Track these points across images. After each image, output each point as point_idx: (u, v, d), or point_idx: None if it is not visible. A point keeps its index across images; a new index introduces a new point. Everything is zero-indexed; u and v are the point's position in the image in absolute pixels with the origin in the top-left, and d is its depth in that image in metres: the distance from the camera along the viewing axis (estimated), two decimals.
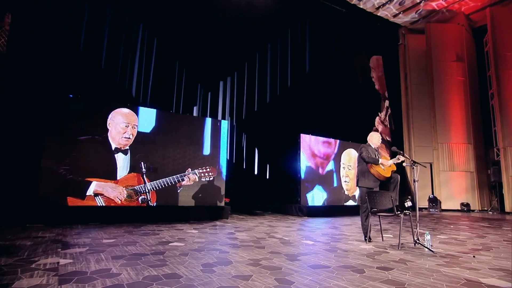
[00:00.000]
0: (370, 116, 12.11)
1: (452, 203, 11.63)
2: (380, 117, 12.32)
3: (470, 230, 6.08)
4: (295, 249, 3.74)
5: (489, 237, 5.10)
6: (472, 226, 6.79)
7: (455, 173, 11.84)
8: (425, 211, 11.51)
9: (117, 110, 6.17)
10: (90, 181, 5.64)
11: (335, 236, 4.90)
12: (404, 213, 4.09)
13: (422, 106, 12.53)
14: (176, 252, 3.34)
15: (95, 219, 5.49)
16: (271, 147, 10.47)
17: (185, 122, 7.08)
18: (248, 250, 3.60)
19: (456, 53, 12.45)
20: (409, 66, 13.02)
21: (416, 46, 13.17)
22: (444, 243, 4.40)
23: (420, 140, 12.46)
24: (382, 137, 11.79)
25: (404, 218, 4.03)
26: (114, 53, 7.98)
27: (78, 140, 5.67)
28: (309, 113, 10.86)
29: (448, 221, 7.73)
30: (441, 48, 12.48)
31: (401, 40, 13.45)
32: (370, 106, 12.21)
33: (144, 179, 6.27)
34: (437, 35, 12.59)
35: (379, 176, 4.34)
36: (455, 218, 8.83)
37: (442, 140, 11.99)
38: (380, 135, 4.70)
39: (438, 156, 11.95)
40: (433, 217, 8.87)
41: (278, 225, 6.15)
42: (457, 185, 11.78)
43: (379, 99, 12.60)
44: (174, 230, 5.03)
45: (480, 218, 9.00)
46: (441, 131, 12.02)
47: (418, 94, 12.71)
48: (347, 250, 3.77)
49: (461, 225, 6.85)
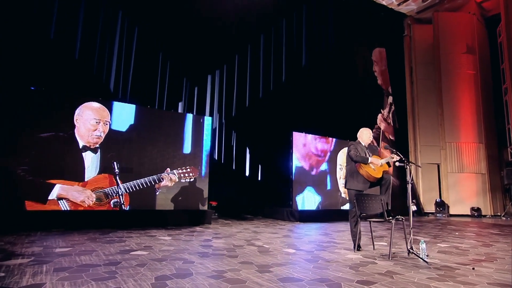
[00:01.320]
0: (371, 113, 11.88)
1: (461, 208, 11.39)
2: (382, 114, 12.09)
3: (477, 237, 5.85)
4: (272, 259, 3.53)
5: (496, 246, 4.88)
6: (480, 233, 6.56)
7: (464, 175, 11.60)
8: (432, 216, 11.28)
9: (86, 104, 5.97)
10: (53, 184, 5.43)
11: (322, 243, 4.68)
12: (396, 218, 3.86)
13: (429, 102, 12.30)
14: (134, 263, 3.13)
15: (58, 225, 5.29)
16: (263, 146, 10.26)
17: (164, 118, 6.88)
18: (218, 259, 3.40)
19: (467, 45, 12.22)
20: (415, 59, 12.79)
21: (422, 38, 12.94)
22: (443, 253, 4.18)
23: (426, 139, 12.22)
24: (385, 136, 11.61)
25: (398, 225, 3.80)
26: (90, 43, 7.77)
27: (40, 137, 5.46)
28: (305, 109, 10.65)
29: (454, 228, 7.50)
30: (450, 39, 12.25)
31: (406, 31, 13.22)
32: (372, 102, 11.99)
33: (116, 180, 6.07)
34: (446, 25, 12.35)
35: (368, 177, 4.12)
36: (463, 224, 8.60)
37: (450, 139, 11.75)
38: (371, 132, 4.48)
39: (446, 156, 11.70)
40: (438, 223, 8.64)
41: (263, 231, 5.94)
42: (466, 188, 11.54)
43: (381, 95, 12.37)
44: (145, 236, 4.83)
45: (491, 224, 8.76)
46: (450, 129, 11.78)
47: (425, 89, 12.48)
48: (330, 260, 3.56)
49: (467, 232, 6.62)
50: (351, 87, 11.62)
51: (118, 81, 8.31)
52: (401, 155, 4.12)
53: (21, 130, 5.33)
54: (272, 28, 11.08)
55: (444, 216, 10.97)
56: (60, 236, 4.59)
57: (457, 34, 12.26)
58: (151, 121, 6.67)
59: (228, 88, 10.25)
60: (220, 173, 9.75)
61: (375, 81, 12.33)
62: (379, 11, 12.83)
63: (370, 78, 12.23)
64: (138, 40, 8.67)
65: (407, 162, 3.95)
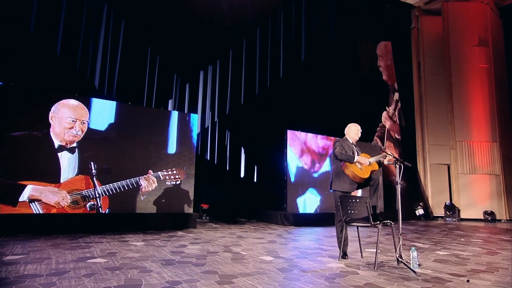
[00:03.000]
0: (375, 111, 11.52)
1: (473, 211, 10.92)
2: (388, 111, 11.71)
3: (483, 244, 5.49)
4: (241, 267, 3.27)
5: (502, 255, 4.52)
6: (488, 239, 6.18)
7: (477, 176, 11.13)
8: (441, 220, 10.85)
9: (62, 101, 5.80)
10: (25, 185, 5.27)
11: (307, 250, 4.41)
12: (384, 223, 3.57)
13: (438, 98, 11.86)
14: (82, 272, 2.91)
15: (28, 229, 5.11)
16: (259, 146, 9.99)
17: (147, 116, 6.68)
18: (180, 268, 3.15)
19: (479, 37, 11.75)
20: (423, 53, 12.38)
21: (431, 30, 12.51)
22: (439, 262, 3.86)
23: (435, 138, 11.79)
24: (390, 135, 11.24)
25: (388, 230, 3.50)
26: (73, 38, 7.62)
27: (10, 136, 5.30)
28: (304, 107, 10.35)
29: (461, 233, 7.12)
30: (460, 31, 11.80)
31: (413, 23, 12.80)
32: (376, 99, 11.63)
33: (94, 182, 5.88)
34: (457, 16, 11.90)
35: (354, 178, 3.82)
36: (472, 229, 8.19)
37: (461, 138, 11.29)
38: (360, 127, 4.19)
39: (457, 156, 11.25)
40: (445, 228, 8.25)
41: (249, 236, 5.68)
42: (479, 190, 11.07)
43: (387, 91, 11.99)
44: (116, 242, 4.62)
45: (505, 229, 8.33)
46: (460, 128, 11.32)
47: (433, 84, 12.05)
48: (307, 269, 3.28)
49: (475, 238, 6.25)
50: (354, 83, 11.28)
51: (104, 77, 8.14)
52: (389, 153, 3.82)
53: None
54: (269, 21, 10.81)
55: (454, 220, 10.54)
56: (22, 241, 4.41)
57: (469, 26, 11.80)
58: (133, 119, 6.48)
59: (221, 85, 10.02)
60: (213, 175, 9.53)
61: (380, 77, 11.97)
62: (384, 2, 12.46)
63: (375, 74, 11.88)
64: (125, 34, 8.49)
65: (396, 161, 3.65)
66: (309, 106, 10.39)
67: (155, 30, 8.83)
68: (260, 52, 10.58)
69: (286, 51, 10.87)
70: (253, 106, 10.09)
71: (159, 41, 8.95)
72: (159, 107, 8.37)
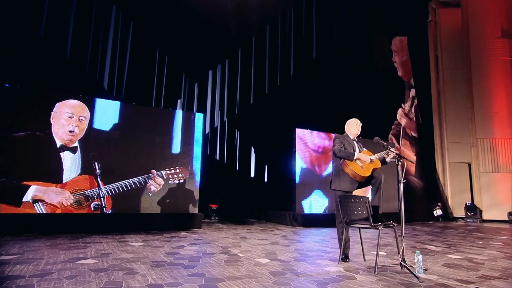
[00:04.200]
0: (390, 108, 11.11)
1: (496, 212, 10.34)
2: (403, 108, 11.27)
3: (503, 248, 5.11)
4: (232, 270, 3.12)
5: None
6: (509, 242, 5.77)
7: (500, 175, 10.53)
8: (461, 221, 10.34)
9: (64, 101, 5.83)
10: (28, 185, 5.31)
11: (308, 252, 4.20)
12: (384, 224, 3.33)
13: (457, 94, 11.33)
14: (66, 274, 2.84)
15: (32, 229, 5.14)
16: (269, 145, 9.83)
17: (151, 116, 6.64)
18: (168, 271, 3.03)
19: (501, 28, 11.13)
20: (441, 47, 11.87)
21: (449, 23, 11.98)
22: (449, 266, 3.58)
23: (454, 135, 11.26)
24: (406, 133, 10.81)
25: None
26: (82, 40, 7.69)
27: (14, 137, 5.36)
28: (316, 105, 10.09)
29: (481, 235, 6.70)
30: (481, 23, 11.23)
31: (431, 16, 12.29)
32: (391, 96, 11.21)
33: (98, 182, 5.88)
34: (477, 7, 11.33)
35: (355, 176, 3.60)
36: (494, 231, 7.72)
37: (482, 135, 10.73)
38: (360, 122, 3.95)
39: (478, 154, 10.70)
40: (464, 229, 7.82)
41: (253, 237, 5.52)
42: (503, 190, 10.46)
43: (402, 88, 11.55)
44: (114, 242, 4.57)
45: None
46: (482, 124, 10.76)
47: (452, 80, 11.52)
48: (301, 273, 3.09)
49: (495, 241, 5.85)
50: (367, 80, 10.93)
51: (113, 78, 8.19)
52: (392, 150, 3.57)
53: None
54: (279, 18, 10.63)
55: (475, 222, 10.01)
56: (23, 241, 4.42)
57: (490, 17, 11.21)
58: (137, 118, 6.45)
59: (230, 84, 9.92)
60: (222, 174, 9.43)
61: (395, 73, 11.54)
62: None
63: (389, 70, 11.47)
64: (134, 35, 8.52)
65: (399, 157, 3.40)
66: (320, 104, 10.12)
67: (163, 31, 8.82)
68: (270, 50, 10.40)
69: (296, 48, 10.66)
70: (263, 105, 9.93)
71: (168, 42, 8.93)
72: (167, 107, 8.33)
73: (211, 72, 9.77)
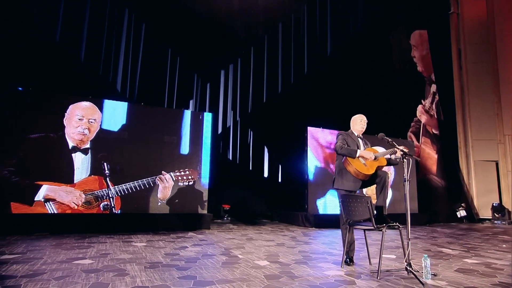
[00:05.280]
0: (409, 105, 10.65)
1: None
2: (423, 105, 10.78)
3: None
4: (227, 273, 3.00)
5: None
6: None
7: None
8: (488, 222, 9.76)
9: (76, 104, 5.92)
10: (40, 185, 5.42)
11: (312, 255, 4.02)
12: (388, 226, 3.11)
13: (482, 88, 10.72)
14: (58, 274, 2.81)
15: (43, 229, 5.23)
16: (282, 145, 9.66)
17: (159, 116, 6.63)
18: (161, 272, 2.95)
19: None
20: (464, 39, 11.26)
21: (473, 14, 11.36)
22: (463, 272, 3.31)
23: (479, 132, 10.65)
24: (426, 130, 10.34)
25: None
26: (96, 42, 7.81)
27: (29, 138, 5.48)
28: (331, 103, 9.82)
29: (506, 238, 6.26)
30: (508, 13, 10.59)
31: (453, 7, 11.70)
32: (410, 92, 10.75)
33: (107, 182, 5.93)
34: None
35: (357, 175, 3.39)
36: None
37: (510, 131, 10.09)
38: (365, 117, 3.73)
39: (506, 152, 10.07)
40: (489, 231, 7.34)
41: (260, 238, 5.38)
42: None
43: (422, 84, 11.05)
44: (118, 242, 4.56)
45: None
46: (509, 120, 10.11)
47: (476, 73, 10.90)
48: (297, 277, 2.93)
49: None
50: (385, 76, 10.54)
51: (125, 80, 8.29)
52: (399, 147, 3.34)
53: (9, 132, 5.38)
54: (292, 16, 10.44)
55: (504, 223, 9.41)
56: (30, 241, 4.49)
57: None
58: (145, 119, 6.46)
59: (243, 83, 9.83)
60: (235, 174, 9.35)
61: (414, 68, 11.07)
62: None
63: (408, 65, 11.00)
64: (146, 36, 8.59)
65: (404, 155, 3.17)
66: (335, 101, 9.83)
67: (175, 32, 8.85)
68: (283, 48, 10.23)
69: (310, 45, 10.43)
70: (276, 104, 9.78)
71: (179, 42, 8.95)
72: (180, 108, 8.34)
73: (223, 72, 9.71)
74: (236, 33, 9.62)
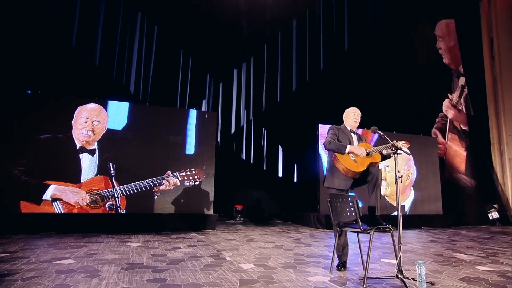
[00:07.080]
0: (434, 100, 9.96)
1: None
2: (450, 99, 10.03)
3: None
4: (201, 276, 2.83)
5: None
6: None
7: None
8: None
9: (84, 105, 6.03)
10: (48, 184, 5.54)
11: (306, 258, 3.76)
12: (377, 229, 2.80)
13: None
14: (30, 274, 2.77)
15: (49, 228, 5.34)
16: (297, 144, 9.36)
17: (164, 116, 6.60)
18: (132, 274, 2.83)
19: None
20: (497, 27, 10.36)
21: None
22: (469, 281, 2.92)
23: None
24: (454, 126, 9.62)
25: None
26: (110, 46, 7.96)
27: (38, 139, 5.64)
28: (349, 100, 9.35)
29: None
30: None
31: None
32: (436, 86, 10.05)
33: (112, 182, 5.97)
34: None
35: (346, 172, 3.10)
36: None
37: None
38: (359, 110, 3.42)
39: None
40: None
41: (261, 239, 5.16)
42: None
43: (449, 77, 10.29)
44: (115, 242, 4.54)
45: None
46: None
47: (511, 62, 10.00)
48: (274, 283, 2.69)
49: None
50: (408, 70, 9.93)
51: (139, 82, 8.39)
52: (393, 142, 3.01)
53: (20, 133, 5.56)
54: (307, 11, 10.11)
55: None
56: (31, 239, 4.58)
57: None
58: (150, 119, 6.46)
59: (256, 82, 9.65)
60: (249, 175, 9.19)
61: (440, 61, 10.34)
62: None
63: (433, 58, 10.30)
64: (158, 38, 8.66)
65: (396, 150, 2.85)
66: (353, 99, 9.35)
67: (187, 32, 8.84)
68: (298, 45, 9.94)
69: (326, 41, 10.05)
70: (291, 102, 9.50)
71: (191, 43, 8.94)
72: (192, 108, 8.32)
73: (236, 71, 9.60)
74: (249, 32, 9.47)
